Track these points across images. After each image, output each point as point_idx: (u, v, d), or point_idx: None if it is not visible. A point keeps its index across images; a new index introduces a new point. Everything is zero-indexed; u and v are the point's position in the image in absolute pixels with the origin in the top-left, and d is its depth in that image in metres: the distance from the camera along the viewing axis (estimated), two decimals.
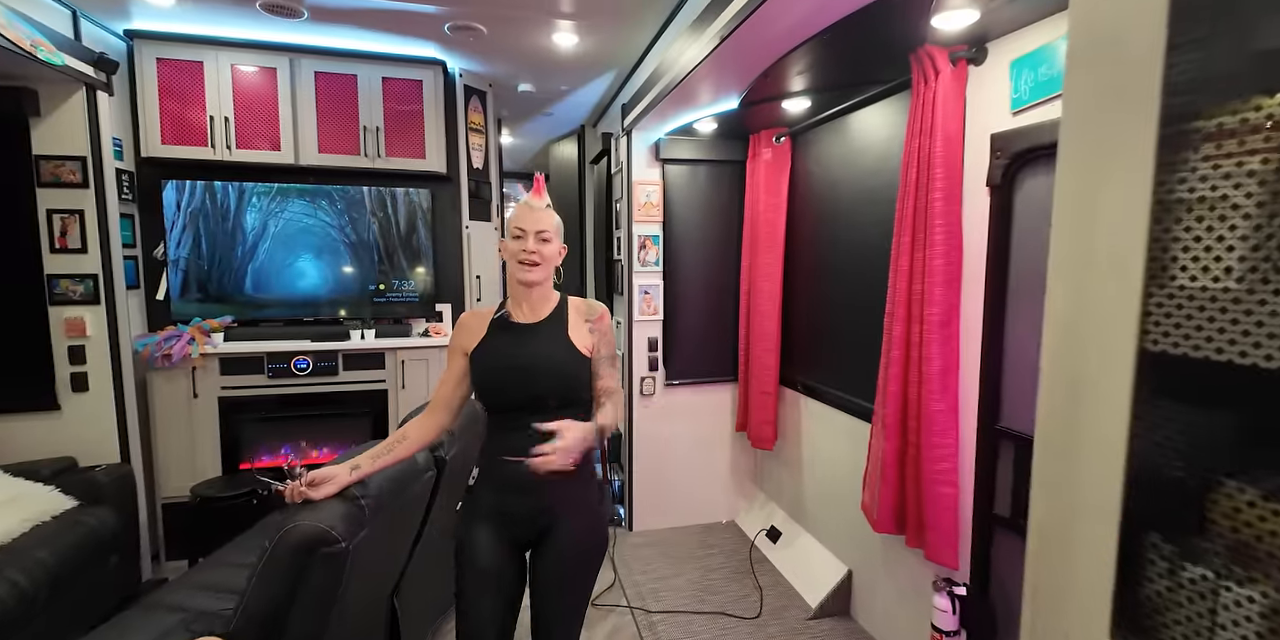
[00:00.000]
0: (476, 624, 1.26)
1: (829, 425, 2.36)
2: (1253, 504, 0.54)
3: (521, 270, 1.29)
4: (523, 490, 1.26)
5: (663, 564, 2.61)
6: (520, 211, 1.31)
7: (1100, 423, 0.66)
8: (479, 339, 1.33)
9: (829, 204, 2.37)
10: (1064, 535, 0.72)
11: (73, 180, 2.31)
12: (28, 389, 2.33)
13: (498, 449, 1.29)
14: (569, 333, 1.33)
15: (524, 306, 1.34)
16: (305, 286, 2.90)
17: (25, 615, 1.73)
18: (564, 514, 1.30)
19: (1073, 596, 0.70)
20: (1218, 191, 0.58)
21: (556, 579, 1.30)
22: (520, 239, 1.28)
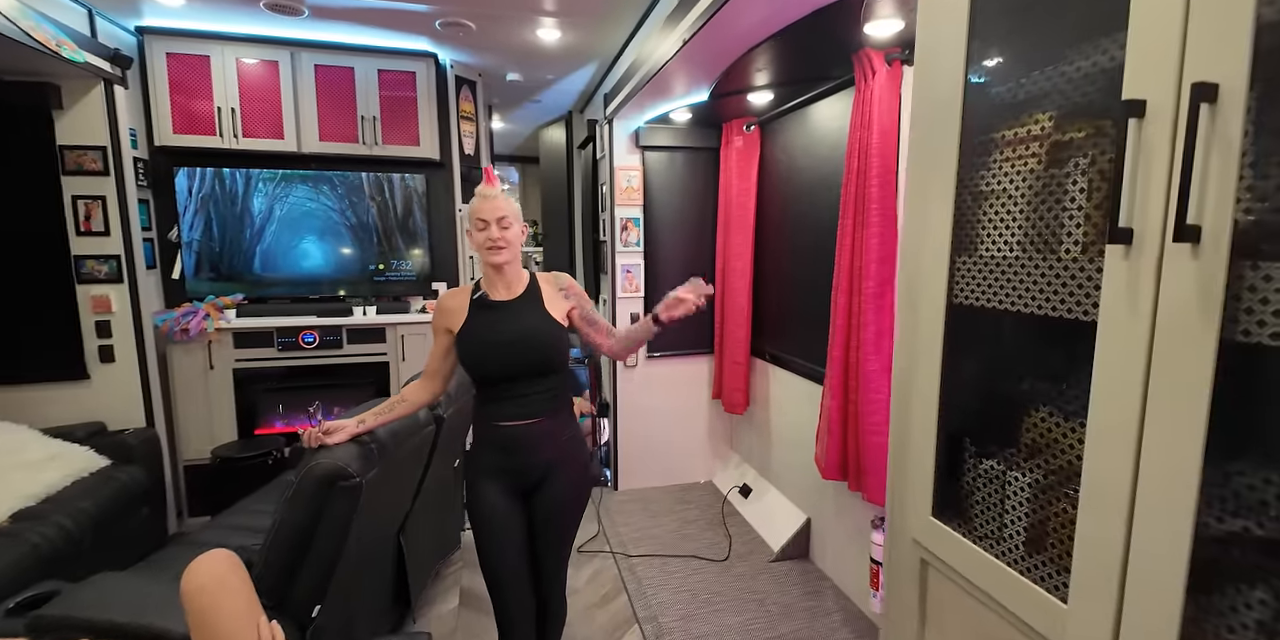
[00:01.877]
0: (497, 561, 1.45)
1: (792, 391, 2.60)
2: (1030, 415, 0.78)
3: (491, 255, 1.41)
4: (519, 450, 1.43)
5: (643, 517, 2.88)
6: (478, 203, 1.41)
7: (926, 361, 0.90)
8: (462, 319, 1.44)
9: (792, 188, 2.57)
10: (904, 443, 0.96)
11: (94, 168, 2.51)
12: (60, 360, 2.55)
13: (491, 415, 1.45)
14: (545, 306, 1.47)
15: (499, 286, 1.46)
16: (310, 266, 3.11)
17: (72, 555, 1.98)
18: (555, 466, 1.47)
19: (910, 489, 0.95)
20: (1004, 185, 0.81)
21: (550, 520, 1.49)
22: (484, 229, 1.39)
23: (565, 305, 1.50)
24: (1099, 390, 0.63)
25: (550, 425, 1.47)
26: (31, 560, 1.83)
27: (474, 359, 1.44)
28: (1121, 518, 0.61)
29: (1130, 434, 0.60)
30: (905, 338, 0.94)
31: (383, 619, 1.89)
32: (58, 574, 1.91)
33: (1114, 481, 0.62)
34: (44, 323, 2.54)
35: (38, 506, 2.04)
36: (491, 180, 1.46)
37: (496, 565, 1.46)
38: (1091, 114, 0.67)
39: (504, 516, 1.46)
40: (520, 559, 1.48)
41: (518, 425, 1.44)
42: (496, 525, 1.45)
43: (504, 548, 1.46)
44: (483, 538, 1.47)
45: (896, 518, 0.99)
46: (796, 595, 2.25)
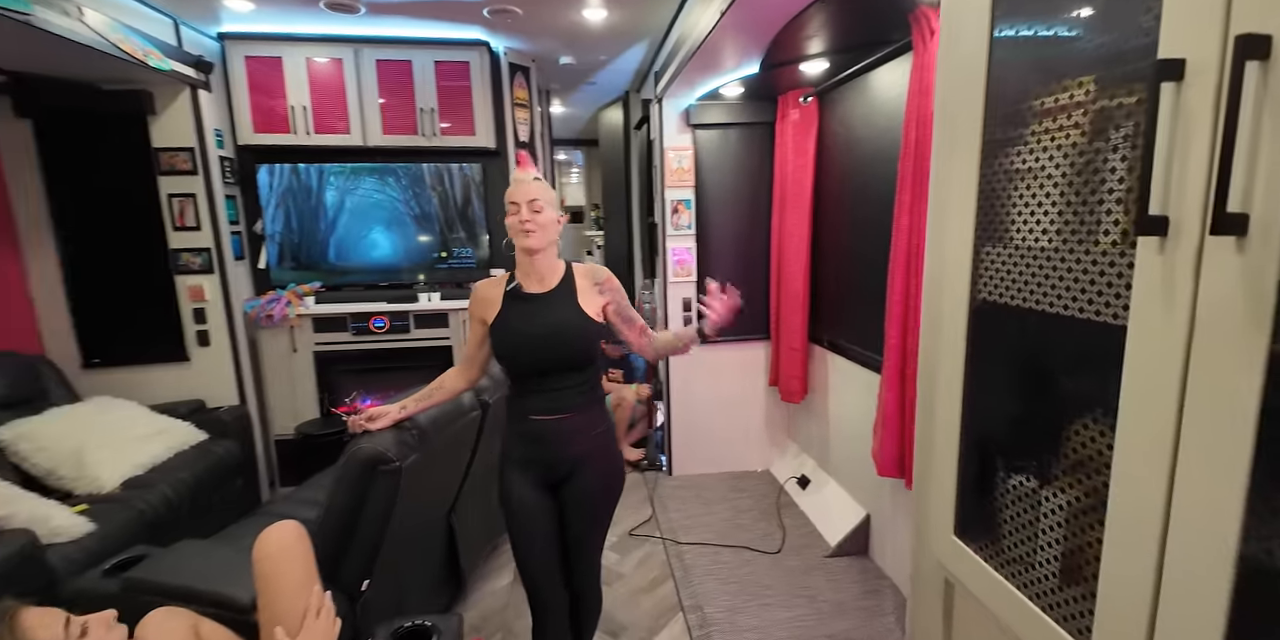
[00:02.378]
0: (526, 552, 1.48)
1: (851, 380, 2.47)
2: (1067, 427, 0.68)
3: (522, 238, 1.39)
4: (549, 443, 1.44)
5: (695, 504, 2.86)
6: (511, 187, 1.42)
7: (948, 364, 0.81)
8: (496, 310, 1.44)
9: (851, 162, 2.41)
10: (928, 453, 0.88)
11: (185, 168, 2.73)
12: (165, 344, 2.84)
13: (522, 408, 1.45)
14: (579, 300, 1.44)
15: (533, 277, 1.44)
16: (379, 255, 3.27)
17: (172, 520, 2.21)
18: (584, 460, 1.46)
19: (932, 503, 0.87)
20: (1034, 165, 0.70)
21: (580, 513, 1.50)
22: (515, 212, 1.39)
23: (600, 300, 1.47)
24: (1128, 404, 0.54)
25: (580, 420, 1.46)
26: (137, 524, 2.06)
27: (506, 351, 1.44)
28: (1152, 553, 0.53)
29: (1163, 457, 0.51)
30: (929, 337, 0.85)
31: (435, 594, 1.99)
32: (159, 537, 2.15)
33: (1144, 511, 0.53)
34: (151, 311, 2.82)
35: (145, 475, 2.29)
36: (524, 165, 1.46)
37: (526, 556, 1.49)
38: (1141, 75, 0.56)
39: (533, 508, 1.48)
40: (550, 550, 1.50)
41: (548, 419, 1.44)
42: (525, 517, 1.47)
43: (533, 539, 1.48)
44: (513, 528, 1.49)
45: (921, 534, 0.91)
46: (852, 593, 2.17)
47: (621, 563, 2.41)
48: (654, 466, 3.22)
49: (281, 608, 1.04)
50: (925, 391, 0.88)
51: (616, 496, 1.57)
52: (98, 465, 2.22)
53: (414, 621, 1.18)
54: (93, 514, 1.95)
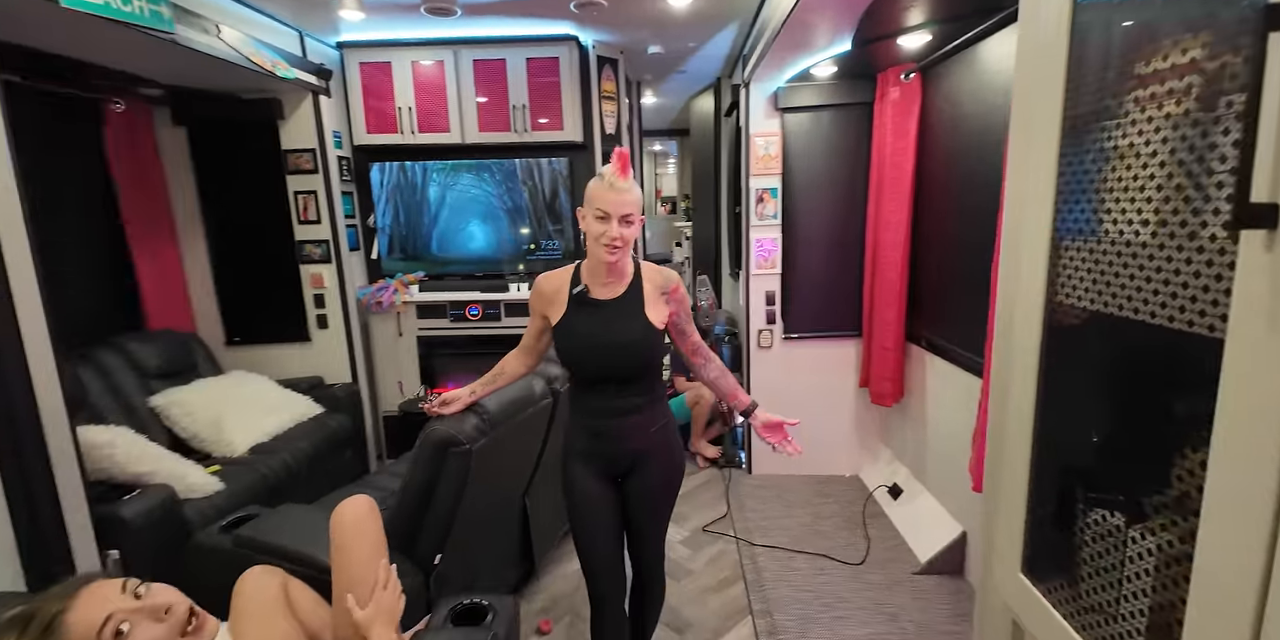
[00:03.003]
0: (588, 543, 1.50)
1: (952, 384, 2.27)
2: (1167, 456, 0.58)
3: (605, 253, 1.30)
4: (609, 439, 1.44)
5: (775, 506, 2.77)
6: (602, 191, 1.27)
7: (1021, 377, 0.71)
8: (560, 311, 1.41)
9: (957, 144, 2.20)
10: (997, 478, 0.78)
11: (308, 168, 3.02)
12: (290, 325, 3.17)
13: (583, 405, 1.46)
14: (645, 309, 1.39)
15: (601, 279, 1.38)
16: (475, 247, 3.44)
17: (290, 483, 2.47)
18: (645, 456, 1.47)
19: (999, 535, 0.77)
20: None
21: (641, 507, 1.51)
22: (604, 220, 1.28)
23: (666, 310, 1.42)
24: (1222, 435, 0.44)
25: (640, 419, 1.46)
26: (262, 485, 2.33)
27: (570, 357, 1.44)
28: (1246, 623, 0.43)
29: (1264, 501, 0.41)
30: (1001, 346, 0.75)
31: (507, 573, 2.08)
32: (277, 498, 2.40)
33: (1238, 565, 0.43)
34: (280, 295, 3.15)
35: (270, 442, 2.58)
36: (625, 169, 1.28)
37: (587, 546, 1.50)
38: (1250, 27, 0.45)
39: (596, 500, 1.49)
40: (611, 541, 1.51)
41: (605, 420, 1.45)
42: (587, 509, 1.49)
43: (595, 530, 1.49)
44: (575, 519, 1.51)
45: (988, 566, 0.81)
46: (940, 616, 2.00)
47: (692, 559, 2.39)
48: (732, 464, 3.16)
49: (353, 575, 1.12)
50: (997, 407, 0.78)
51: (676, 490, 1.56)
52: (232, 431, 2.53)
53: (472, 599, 1.24)
54: (223, 475, 2.22)
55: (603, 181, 1.29)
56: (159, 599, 0.83)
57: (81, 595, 0.79)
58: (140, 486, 1.93)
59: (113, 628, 0.77)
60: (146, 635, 0.79)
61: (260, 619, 1.26)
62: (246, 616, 1.27)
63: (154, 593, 0.84)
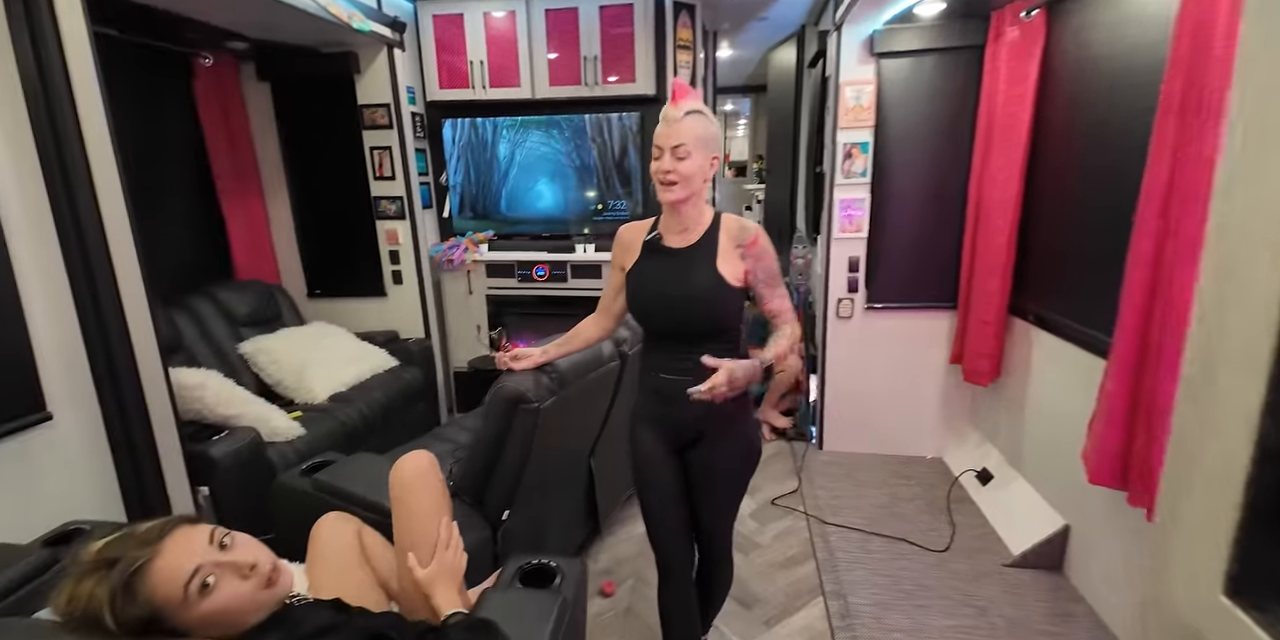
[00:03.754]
0: (651, 508, 1.44)
1: (1063, 363, 2.04)
2: None
3: (661, 191, 1.24)
4: (673, 402, 1.32)
5: (848, 484, 2.63)
6: (658, 127, 1.23)
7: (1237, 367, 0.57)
8: (634, 259, 1.35)
9: (1087, 91, 1.91)
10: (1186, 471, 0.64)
11: (383, 123, 3.01)
12: (368, 280, 3.24)
13: (652, 363, 1.38)
14: (717, 262, 1.27)
15: (676, 227, 1.31)
16: (543, 206, 3.39)
17: (366, 432, 2.55)
18: (710, 432, 1.36)
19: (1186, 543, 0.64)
20: None
21: (705, 481, 1.41)
22: (658, 158, 1.22)
23: (740, 266, 1.29)
24: None
25: None
26: (340, 432, 2.41)
27: (636, 308, 1.36)
28: None
29: None
30: (1203, 329, 0.60)
31: (573, 532, 2.08)
32: (352, 446, 2.49)
33: None
34: (359, 251, 3.21)
35: (347, 392, 2.66)
36: (678, 96, 1.21)
37: (650, 514, 1.44)
38: None
39: (660, 467, 1.42)
40: (675, 511, 1.44)
41: (675, 379, 1.32)
42: (652, 474, 1.42)
43: (659, 498, 1.43)
44: (640, 485, 1.45)
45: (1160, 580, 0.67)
46: (1035, 613, 1.84)
47: (760, 532, 2.31)
48: (802, 437, 3.03)
49: (414, 530, 1.11)
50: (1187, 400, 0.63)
51: (746, 471, 1.45)
52: (313, 380, 2.62)
53: (541, 560, 1.21)
54: (304, 421, 2.31)
55: (660, 120, 1.23)
56: (245, 555, 0.82)
57: (168, 542, 0.78)
58: (228, 428, 2.02)
59: (199, 581, 0.76)
60: (230, 590, 0.78)
61: (335, 564, 1.28)
62: (322, 561, 1.30)
63: (239, 546, 0.83)
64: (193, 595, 0.75)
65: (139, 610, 0.73)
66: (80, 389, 1.54)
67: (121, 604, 0.72)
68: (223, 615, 0.78)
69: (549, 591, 1.11)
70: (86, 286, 1.53)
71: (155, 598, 0.74)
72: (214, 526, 0.83)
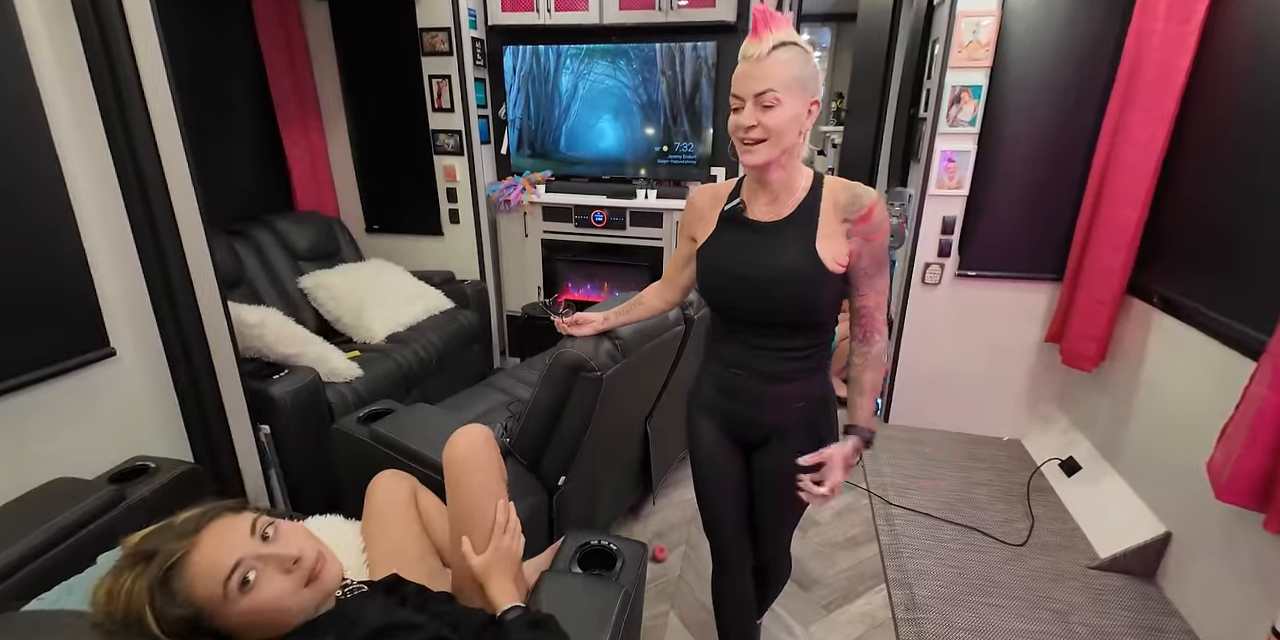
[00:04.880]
0: (711, 502, 1.30)
1: (1191, 355, 1.79)
2: None
3: (742, 152, 1.00)
4: (740, 399, 1.18)
5: (916, 463, 2.48)
6: (738, 69, 0.97)
7: None
8: (708, 230, 1.13)
9: (1276, 34, 1.56)
10: None
11: (442, 49, 2.82)
12: (425, 218, 3.16)
13: (721, 354, 1.19)
14: (816, 240, 1.03)
15: (764, 196, 1.07)
16: (605, 146, 3.17)
17: (422, 374, 2.54)
18: (785, 432, 1.18)
19: None
20: None
21: (771, 488, 1.25)
22: (738, 109, 0.97)
23: (845, 246, 1.04)
24: None
25: (785, 390, 1.14)
26: (396, 374, 2.41)
27: (707, 290, 1.15)
28: None
29: None
30: None
31: (625, 495, 2.04)
32: (409, 387, 2.50)
33: None
34: (417, 186, 3.12)
35: (404, 333, 2.64)
36: (761, 27, 0.94)
37: (710, 511, 1.33)
38: None
39: (724, 463, 1.27)
40: (736, 510, 1.31)
41: (741, 375, 1.16)
42: (712, 467, 1.29)
43: (719, 495, 1.30)
44: (699, 478, 1.32)
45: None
46: (1121, 622, 1.70)
47: (817, 508, 2.23)
48: None
49: (469, 513, 1.05)
50: None
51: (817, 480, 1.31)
52: (371, 319, 2.61)
53: (601, 542, 1.14)
54: (361, 362, 2.30)
55: (741, 57, 0.98)
56: (289, 548, 0.75)
57: (206, 534, 0.73)
58: (288, 367, 2.02)
59: (239, 576, 0.70)
60: (272, 588, 0.73)
61: (391, 525, 1.25)
62: (378, 518, 1.27)
63: (282, 536, 0.77)
64: (232, 592, 0.70)
65: (180, 609, 0.68)
66: (142, 324, 1.53)
67: (161, 602, 0.67)
68: (266, 614, 0.73)
69: (609, 582, 1.05)
70: (145, 217, 1.48)
71: (194, 596, 0.69)
72: (257, 515, 0.77)
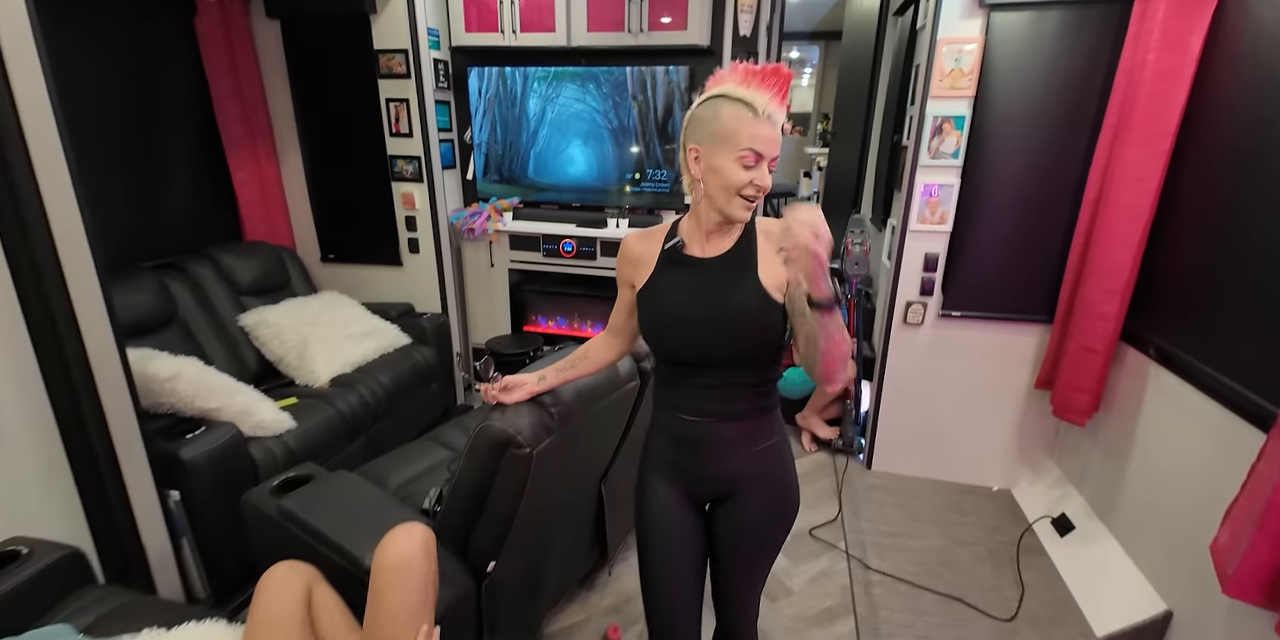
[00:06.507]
0: (655, 571, 1.17)
1: (1189, 414, 1.63)
2: None
3: (739, 209, 0.97)
4: (695, 451, 1.10)
5: (898, 517, 2.29)
6: (751, 124, 0.91)
7: None
8: (647, 273, 1.08)
9: (1276, 69, 1.42)
10: None
11: (399, 71, 2.67)
12: (383, 247, 2.99)
13: (669, 400, 1.12)
14: (759, 271, 1.01)
15: (701, 236, 1.04)
16: (575, 172, 3.03)
17: (368, 420, 2.36)
18: (743, 484, 1.11)
19: None
20: None
21: (733, 549, 1.15)
22: (753, 165, 0.93)
23: (783, 272, 1.00)
24: None
25: (739, 429, 1.08)
26: (337, 423, 2.22)
27: (653, 334, 1.08)
28: None
29: None
30: None
31: (578, 563, 1.85)
32: (354, 435, 2.31)
33: None
34: (374, 215, 2.95)
35: (351, 374, 2.46)
36: (784, 95, 0.94)
37: (654, 578, 1.17)
38: None
39: (676, 524, 1.15)
40: (689, 578, 1.17)
41: (697, 422, 1.08)
42: (663, 533, 1.15)
43: (672, 563, 1.16)
44: (645, 543, 1.18)
45: None
46: None
47: (792, 573, 2.03)
48: (848, 449, 2.71)
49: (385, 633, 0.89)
50: None
51: (783, 532, 1.17)
52: (314, 359, 2.43)
53: None
54: (297, 409, 2.12)
55: (750, 110, 0.91)
56: None
57: None
58: (206, 423, 1.84)
59: None
60: None
61: (273, 632, 1.08)
62: (258, 627, 1.10)
63: None
64: None
65: None
66: (27, 385, 1.35)
67: None
68: None
69: None
70: (26, 264, 1.31)
71: None
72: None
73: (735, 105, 0.92)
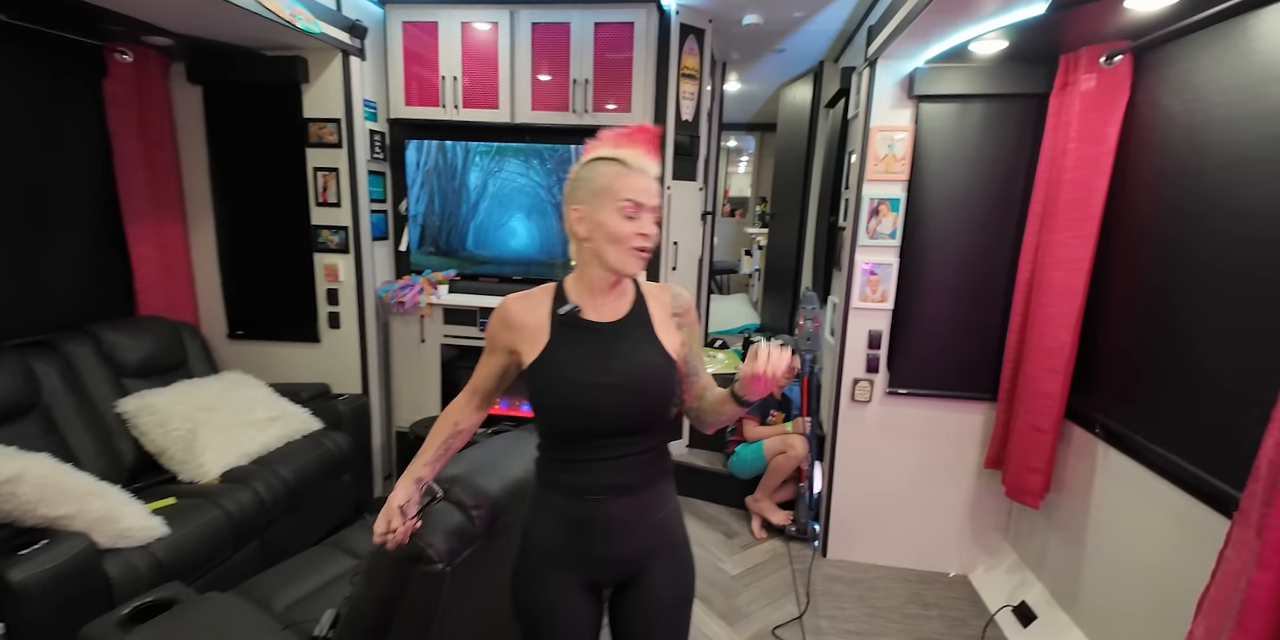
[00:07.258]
0: None
1: (1143, 495, 1.59)
2: None
3: (633, 260, 0.97)
4: (597, 533, 1.01)
5: (859, 613, 2.12)
6: (628, 177, 0.94)
7: None
8: (540, 344, 1.00)
9: (1195, 159, 1.52)
10: None
11: (331, 140, 2.57)
12: (299, 323, 2.75)
13: (566, 481, 1.02)
14: (656, 332, 1.04)
15: (599, 298, 1.02)
16: (516, 245, 2.94)
17: (263, 522, 2.03)
18: (649, 559, 1.06)
19: None
20: None
21: (651, 627, 1.07)
22: (634, 215, 0.95)
23: (678, 337, 1.07)
24: None
25: (643, 500, 1.04)
26: (224, 527, 1.89)
27: (554, 405, 1.00)
28: None
29: None
30: None
31: None
32: (245, 540, 1.98)
33: None
34: (291, 287, 2.73)
35: (248, 466, 2.14)
36: (654, 147, 0.99)
37: None
38: None
39: (577, 618, 1.04)
40: None
41: (600, 499, 1.01)
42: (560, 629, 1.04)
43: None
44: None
45: None
46: None
47: None
48: (803, 536, 2.54)
49: None
50: None
51: (691, 601, 1.13)
52: (205, 450, 2.11)
53: None
54: (175, 511, 1.79)
55: (624, 165, 0.96)
56: None
57: None
58: (51, 534, 1.50)
59: None
60: None
61: None
62: None
63: None
64: None
65: None
66: None
67: None
68: None
69: None
70: None
71: None
72: None
73: (610, 163, 0.95)
